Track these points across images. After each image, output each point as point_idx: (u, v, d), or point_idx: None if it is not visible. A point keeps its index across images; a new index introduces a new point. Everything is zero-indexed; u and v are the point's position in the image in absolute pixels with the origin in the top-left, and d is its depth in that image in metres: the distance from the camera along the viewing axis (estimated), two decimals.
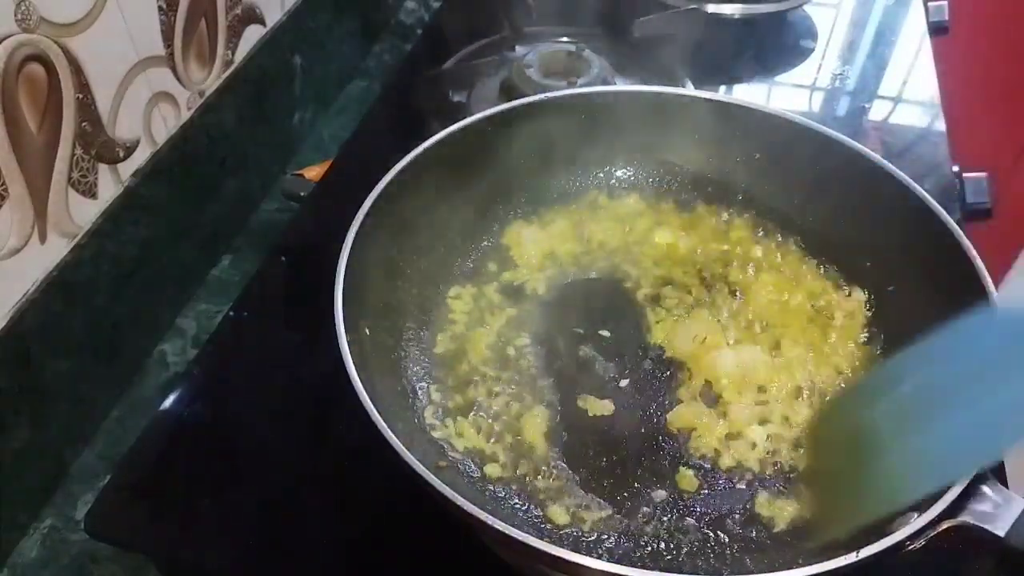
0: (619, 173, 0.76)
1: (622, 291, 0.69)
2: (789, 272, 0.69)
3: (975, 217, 0.81)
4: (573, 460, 0.58)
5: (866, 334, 0.64)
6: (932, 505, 0.43)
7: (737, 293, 0.68)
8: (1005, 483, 0.56)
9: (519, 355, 0.64)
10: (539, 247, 0.71)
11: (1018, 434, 0.41)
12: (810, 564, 0.42)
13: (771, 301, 0.67)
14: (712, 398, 0.61)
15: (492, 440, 0.58)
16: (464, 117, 0.68)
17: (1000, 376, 0.41)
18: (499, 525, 0.43)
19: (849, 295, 0.66)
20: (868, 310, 0.65)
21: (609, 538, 0.53)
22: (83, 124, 0.64)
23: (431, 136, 0.66)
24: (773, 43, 1.05)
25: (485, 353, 0.64)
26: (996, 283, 0.55)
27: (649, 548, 0.53)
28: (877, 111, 0.96)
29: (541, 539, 0.42)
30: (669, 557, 0.52)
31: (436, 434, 0.58)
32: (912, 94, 0.98)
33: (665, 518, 0.54)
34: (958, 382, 0.43)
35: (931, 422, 0.43)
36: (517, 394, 0.61)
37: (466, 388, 0.62)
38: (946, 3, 1.08)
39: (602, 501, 0.55)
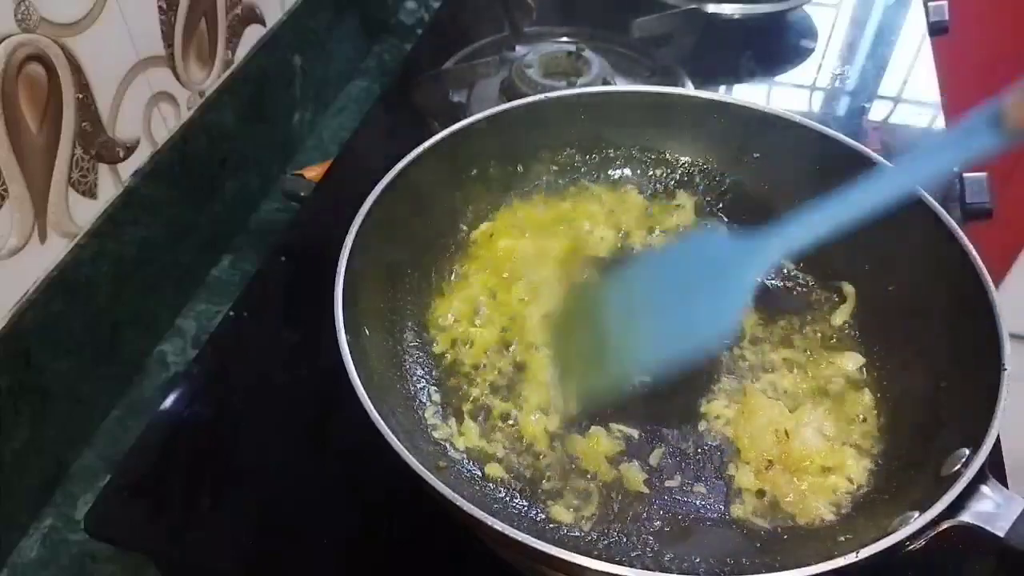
0: (619, 173, 0.76)
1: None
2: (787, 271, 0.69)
3: (975, 217, 0.81)
4: (575, 458, 0.58)
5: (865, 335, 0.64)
6: (932, 505, 0.43)
7: None
8: (1005, 483, 0.56)
9: (520, 354, 0.64)
10: (539, 247, 0.71)
11: (710, 333, 0.54)
12: (810, 564, 0.42)
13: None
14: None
15: (493, 440, 0.58)
16: (464, 117, 0.68)
17: (697, 284, 0.55)
18: (499, 525, 0.43)
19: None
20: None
21: (610, 537, 0.53)
22: (83, 124, 0.64)
23: (431, 136, 0.66)
24: (773, 43, 1.05)
25: (486, 353, 0.64)
26: (996, 283, 0.55)
27: (650, 548, 0.53)
28: (877, 111, 0.96)
29: (542, 539, 0.42)
30: (669, 557, 0.52)
31: (437, 434, 0.58)
32: (912, 94, 0.98)
33: (667, 515, 0.55)
34: (668, 290, 0.56)
35: (647, 316, 0.55)
36: (518, 394, 0.61)
37: (467, 388, 0.62)
38: (946, 3, 1.08)
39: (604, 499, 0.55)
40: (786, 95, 1.00)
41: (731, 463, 0.57)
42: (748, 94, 0.98)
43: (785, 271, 0.69)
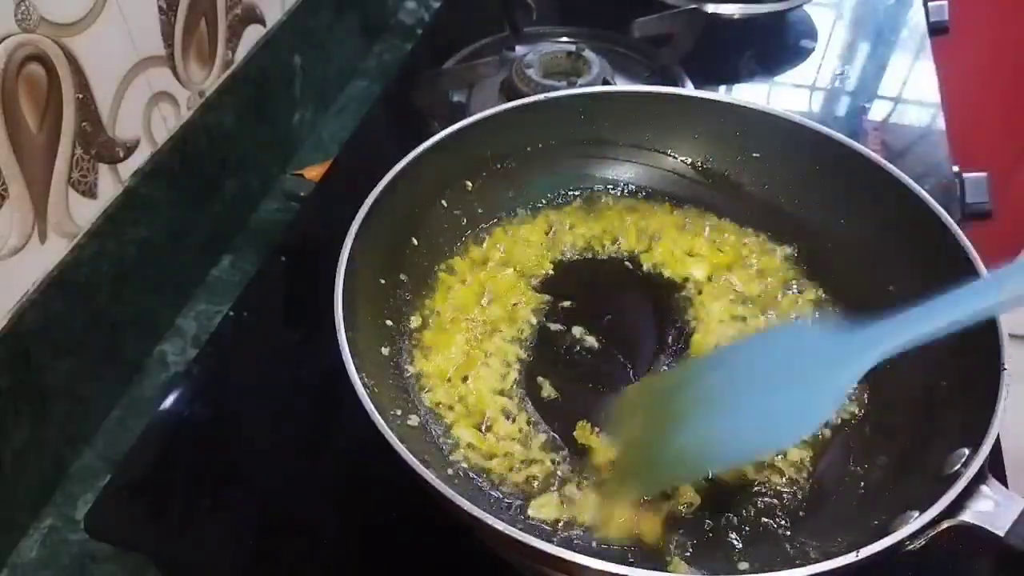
0: (618, 173, 0.76)
1: (625, 287, 0.69)
2: (786, 270, 0.69)
3: (975, 217, 0.81)
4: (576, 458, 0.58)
5: None
6: (932, 505, 0.43)
7: (736, 289, 0.68)
8: (1005, 483, 0.56)
9: (519, 353, 0.64)
10: (538, 246, 0.71)
11: (791, 434, 0.50)
12: (810, 564, 0.42)
13: (768, 299, 0.67)
14: None
15: (494, 439, 0.58)
16: (464, 117, 0.68)
17: (784, 382, 0.50)
18: (499, 525, 0.43)
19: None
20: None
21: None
22: (83, 124, 0.64)
23: (431, 136, 0.66)
24: (773, 43, 1.05)
25: (487, 352, 0.64)
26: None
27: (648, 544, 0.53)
28: (877, 111, 0.96)
29: (542, 539, 0.42)
30: (668, 556, 0.52)
31: (436, 433, 0.58)
32: (912, 94, 0.98)
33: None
34: (751, 383, 0.51)
35: (725, 411, 0.51)
36: (518, 393, 0.61)
37: (467, 387, 0.61)
38: (946, 3, 1.08)
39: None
40: (786, 95, 1.00)
41: None
42: (748, 94, 0.98)
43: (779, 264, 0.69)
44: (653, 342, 0.65)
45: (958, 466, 0.46)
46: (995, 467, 0.49)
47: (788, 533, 0.53)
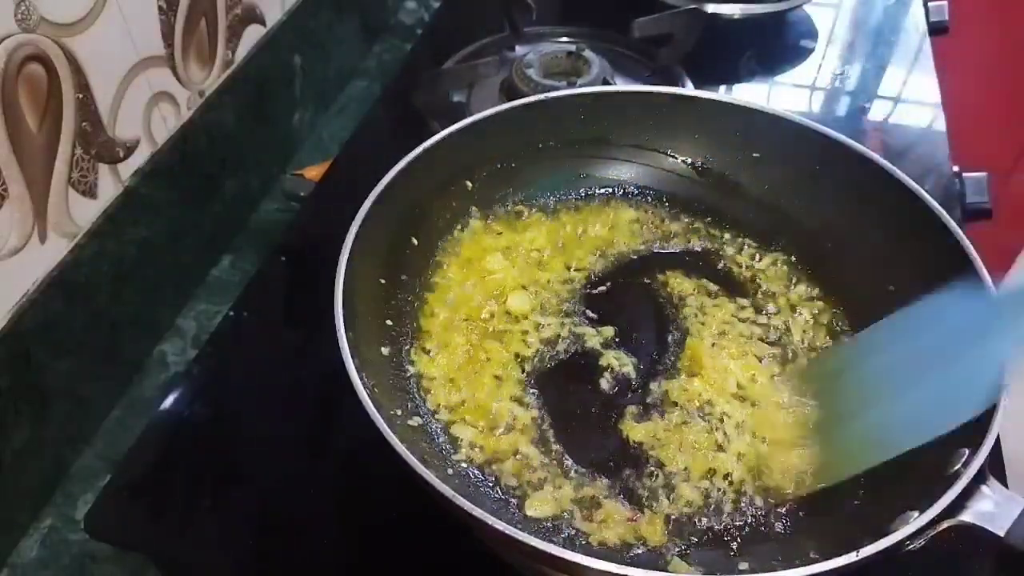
0: (618, 173, 0.76)
1: (623, 285, 0.69)
2: (786, 271, 0.69)
3: (975, 217, 0.81)
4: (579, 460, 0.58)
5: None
6: (932, 505, 0.43)
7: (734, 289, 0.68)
8: (1005, 483, 0.56)
9: (519, 353, 0.64)
10: (538, 247, 0.71)
11: (983, 398, 0.46)
12: (810, 564, 0.42)
13: (768, 299, 0.67)
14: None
15: (494, 439, 0.58)
16: (464, 117, 0.68)
17: (967, 347, 0.48)
18: (499, 525, 0.43)
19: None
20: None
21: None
22: (83, 124, 0.64)
23: (431, 136, 0.66)
24: (773, 43, 1.05)
25: (487, 352, 0.64)
26: (996, 283, 0.55)
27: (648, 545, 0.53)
28: (877, 111, 0.96)
29: (541, 539, 0.42)
30: (668, 556, 0.52)
31: (437, 434, 0.58)
32: (912, 94, 0.98)
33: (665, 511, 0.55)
34: (932, 351, 0.50)
35: (910, 384, 0.49)
36: (518, 393, 0.61)
37: (468, 387, 0.62)
38: (946, 3, 1.08)
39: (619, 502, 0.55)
40: (786, 95, 1.00)
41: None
42: (748, 94, 0.98)
43: (773, 265, 0.69)
44: (653, 343, 0.65)
45: (958, 466, 0.46)
46: (995, 467, 0.49)
47: (788, 533, 0.54)
